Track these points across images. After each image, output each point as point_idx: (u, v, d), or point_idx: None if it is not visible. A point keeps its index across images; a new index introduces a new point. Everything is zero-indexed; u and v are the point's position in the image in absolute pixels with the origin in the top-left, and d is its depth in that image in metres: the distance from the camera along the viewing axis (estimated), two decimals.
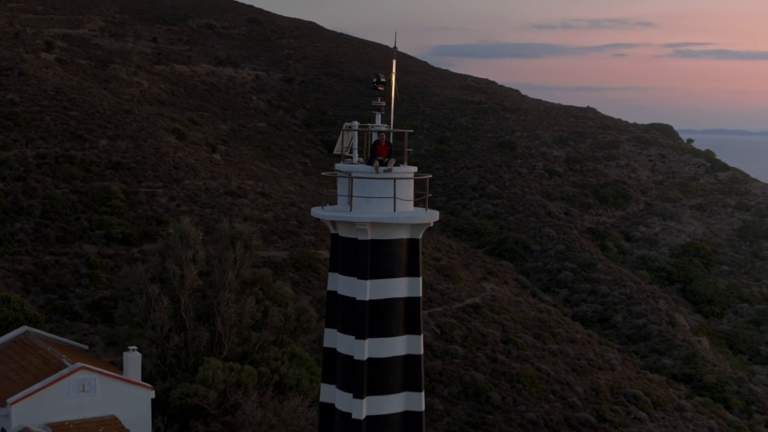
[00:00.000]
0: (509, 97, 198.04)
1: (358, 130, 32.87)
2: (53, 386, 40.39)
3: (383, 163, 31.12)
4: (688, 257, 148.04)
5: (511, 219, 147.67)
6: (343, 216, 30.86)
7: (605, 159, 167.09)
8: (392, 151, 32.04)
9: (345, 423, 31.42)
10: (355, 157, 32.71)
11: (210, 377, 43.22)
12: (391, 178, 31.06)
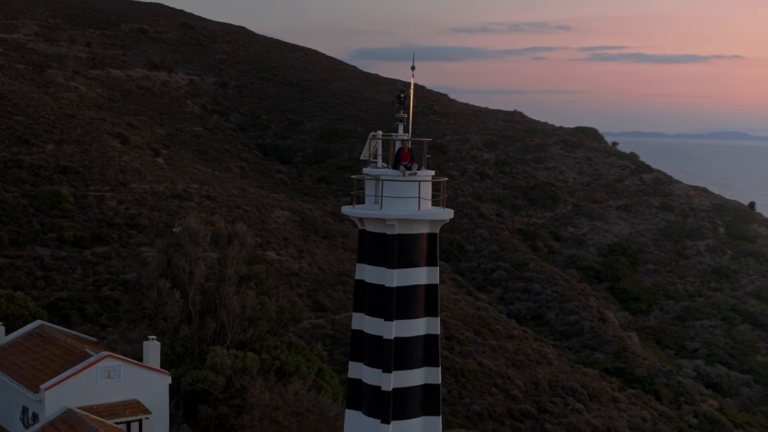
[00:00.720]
0: (439, 101, 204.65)
1: (382, 138, 37.83)
2: (82, 373, 44.53)
3: (408, 168, 36.24)
4: (615, 256, 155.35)
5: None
6: (375, 213, 35.89)
7: (534, 162, 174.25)
8: (414, 156, 37.17)
9: (373, 395, 36.47)
10: (379, 162, 37.68)
11: (218, 364, 47.78)
12: (415, 181, 36.21)
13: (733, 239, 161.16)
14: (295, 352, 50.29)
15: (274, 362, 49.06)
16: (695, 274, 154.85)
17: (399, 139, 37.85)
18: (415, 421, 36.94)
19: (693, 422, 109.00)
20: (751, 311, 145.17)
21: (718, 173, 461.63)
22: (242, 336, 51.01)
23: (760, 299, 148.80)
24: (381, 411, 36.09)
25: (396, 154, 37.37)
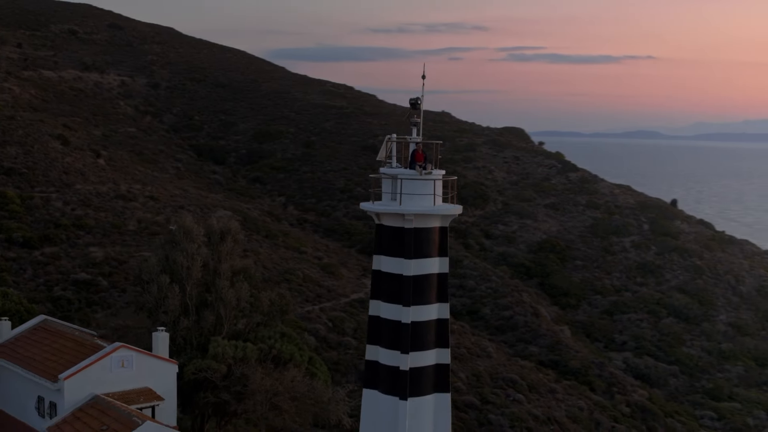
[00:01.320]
0: (368, 102, 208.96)
1: (396, 141, 41.93)
2: (98, 363, 47.63)
3: (423, 167, 40.43)
4: (544, 253, 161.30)
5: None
6: (395, 209, 39.98)
7: (463, 161, 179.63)
8: (427, 157, 41.37)
9: (391, 374, 40.55)
10: (393, 162, 41.78)
11: (220, 353, 51.28)
12: (430, 179, 40.43)
13: (657, 235, 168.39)
14: (288, 342, 54.03)
15: (271, 351, 52.74)
16: (621, 269, 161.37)
17: (413, 142, 41.88)
18: (428, 398, 41.17)
19: (626, 411, 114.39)
20: (676, 305, 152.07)
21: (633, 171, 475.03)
22: (237, 327, 54.50)
23: (684, 293, 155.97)
24: (399, 389, 40.19)
25: (411, 155, 41.48)
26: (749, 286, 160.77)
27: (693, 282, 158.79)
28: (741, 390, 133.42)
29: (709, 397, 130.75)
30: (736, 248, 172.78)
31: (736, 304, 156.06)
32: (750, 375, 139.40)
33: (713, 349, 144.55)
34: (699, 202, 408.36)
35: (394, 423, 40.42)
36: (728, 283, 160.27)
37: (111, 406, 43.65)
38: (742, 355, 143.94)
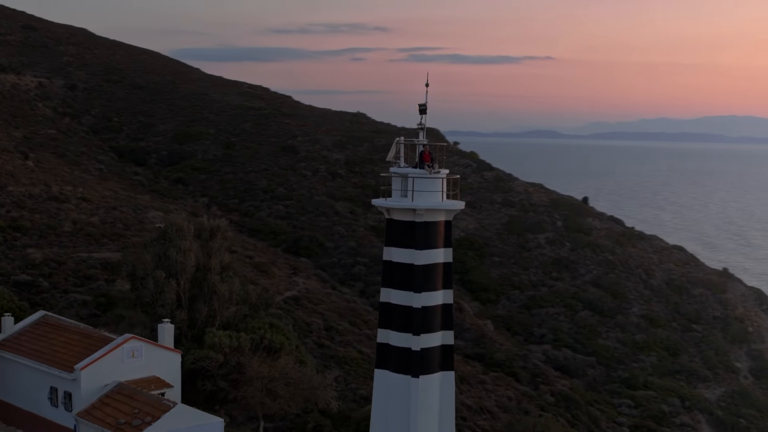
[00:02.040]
0: (285, 103, 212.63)
1: (405, 143, 46.58)
2: (111, 353, 51.07)
3: (431, 167, 45.23)
4: (463, 250, 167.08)
5: (302, 219, 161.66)
6: (408, 204, 44.71)
7: (381, 162, 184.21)
8: (433, 158, 46.15)
9: (402, 355, 45.27)
10: (401, 162, 46.45)
11: (217, 343, 55.17)
12: (438, 178, 45.26)
13: (570, 232, 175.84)
14: (276, 331, 58.18)
15: (262, 341, 56.83)
16: (537, 265, 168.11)
17: (421, 144, 46.63)
18: (436, 375, 46.07)
19: (550, 400, 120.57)
20: (591, 298, 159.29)
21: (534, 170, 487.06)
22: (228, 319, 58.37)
23: (598, 287, 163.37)
24: (411, 368, 44.95)
25: (419, 156, 46.24)
26: (659, 279, 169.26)
27: (606, 276, 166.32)
28: (655, 379, 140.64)
29: (626, 386, 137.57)
30: (645, 243, 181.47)
31: (647, 296, 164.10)
32: (663, 364, 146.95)
33: (627, 340, 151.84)
34: (597, 200, 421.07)
35: (407, 399, 45.16)
36: (639, 277, 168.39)
37: (137, 391, 47.34)
38: (654, 345, 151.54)
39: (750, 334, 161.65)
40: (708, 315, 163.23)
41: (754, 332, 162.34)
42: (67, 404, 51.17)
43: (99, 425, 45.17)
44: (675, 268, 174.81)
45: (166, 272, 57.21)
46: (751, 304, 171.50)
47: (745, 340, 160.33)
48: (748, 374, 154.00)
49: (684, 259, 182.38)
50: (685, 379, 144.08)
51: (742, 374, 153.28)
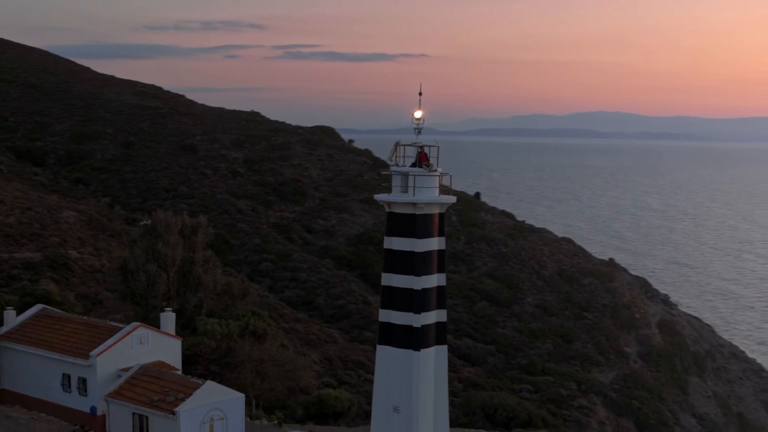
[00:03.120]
0: (180, 102, 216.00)
1: (405, 145, 53.10)
2: (122, 341, 56.42)
3: (428, 166, 51.99)
4: (363, 245, 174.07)
5: (206, 217, 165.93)
6: (409, 199, 51.30)
7: (280, 159, 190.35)
8: (429, 157, 52.86)
9: (403, 332, 51.89)
10: (400, 161, 53.00)
11: (209, 330, 60.84)
12: (435, 175, 52.05)
13: (465, 226, 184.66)
14: (259, 318, 64.12)
15: (248, 327, 62.69)
16: None
17: (418, 145, 53.25)
18: (432, 349, 52.89)
19: (459, 387, 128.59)
20: (488, 289, 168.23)
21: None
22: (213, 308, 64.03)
23: (494, 279, 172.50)
24: (413, 342, 51.66)
25: (417, 156, 52.90)
26: (551, 270, 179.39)
27: (501, 268, 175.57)
28: (552, 365, 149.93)
29: (525, 372, 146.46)
30: (535, 236, 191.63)
31: (540, 287, 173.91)
32: (558, 351, 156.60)
33: (524, 329, 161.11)
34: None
35: (408, 371, 51.86)
36: (532, 268, 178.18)
37: (162, 372, 52.84)
38: (549, 333, 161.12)
39: (637, 321, 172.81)
40: (598, 303, 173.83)
41: (641, 318, 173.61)
42: (81, 389, 56.16)
43: (132, 403, 50.50)
44: (565, 259, 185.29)
45: (157, 265, 62.46)
46: (637, 292, 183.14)
47: (632, 326, 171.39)
48: (637, 358, 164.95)
49: (572, 251, 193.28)
50: (579, 364, 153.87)
51: (632, 358, 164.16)
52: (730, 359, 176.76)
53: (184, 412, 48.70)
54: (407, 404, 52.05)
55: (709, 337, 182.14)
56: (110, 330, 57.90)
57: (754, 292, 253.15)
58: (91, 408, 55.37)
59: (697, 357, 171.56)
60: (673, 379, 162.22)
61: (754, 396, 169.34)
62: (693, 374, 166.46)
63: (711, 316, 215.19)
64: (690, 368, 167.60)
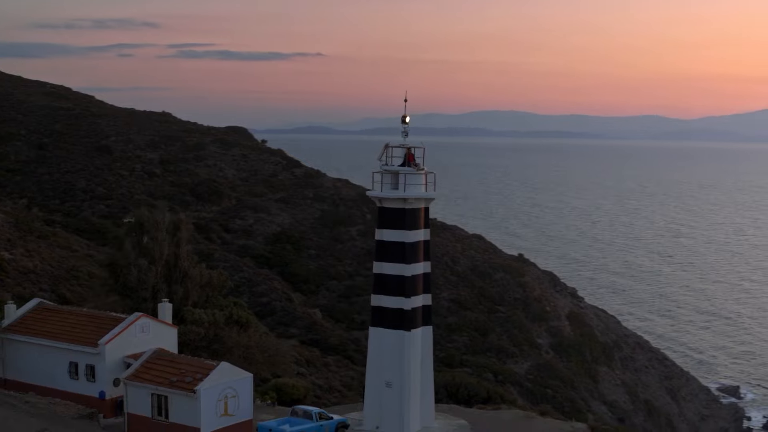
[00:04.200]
0: (92, 103, 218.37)
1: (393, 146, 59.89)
2: (127, 330, 61.95)
3: (416, 165, 58.95)
4: (281, 244, 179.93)
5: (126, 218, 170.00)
6: (400, 194, 58.18)
7: (195, 160, 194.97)
8: (415, 158, 59.80)
9: (396, 315, 58.81)
10: (390, 162, 59.81)
11: (198, 319, 66.67)
12: (421, 173, 59.05)
13: None
14: (241, 308, 70.16)
15: (232, 316, 68.69)
16: (351, 256, 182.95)
17: (405, 146, 60.14)
18: (419, 329, 59.94)
19: None
20: None
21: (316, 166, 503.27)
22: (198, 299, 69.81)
23: None
24: (404, 324, 58.65)
25: (404, 157, 59.79)
26: (464, 265, 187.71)
27: None
28: (470, 357, 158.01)
29: (444, 364, 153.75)
30: (448, 233, 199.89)
31: (455, 282, 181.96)
32: (475, 343, 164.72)
33: (441, 323, 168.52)
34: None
35: (399, 349, 58.86)
36: (446, 264, 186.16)
37: (175, 356, 58.65)
38: (465, 326, 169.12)
39: (548, 313, 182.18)
40: (510, 297, 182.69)
41: (551, 311, 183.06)
42: (88, 376, 61.51)
43: (152, 384, 56.18)
44: (477, 255, 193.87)
45: (147, 260, 68.07)
46: (546, 285, 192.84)
47: (543, 319, 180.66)
48: (549, 349, 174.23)
49: (483, 247, 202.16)
50: (495, 356, 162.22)
51: (544, 349, 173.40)
52: (635, 349, 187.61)
53: (204, 390, 54.62)
54: (399, 379, 59.02)
55: (615, 328, 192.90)
56: (113, 320, 63.27)
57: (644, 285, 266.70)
58: (100, 393, 60.78)
59: (605, 347, 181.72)
60: (584, 369, 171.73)
61: (659, 383, 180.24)
62: (602, 364, 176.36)
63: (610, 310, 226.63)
64: (599, 358, 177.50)
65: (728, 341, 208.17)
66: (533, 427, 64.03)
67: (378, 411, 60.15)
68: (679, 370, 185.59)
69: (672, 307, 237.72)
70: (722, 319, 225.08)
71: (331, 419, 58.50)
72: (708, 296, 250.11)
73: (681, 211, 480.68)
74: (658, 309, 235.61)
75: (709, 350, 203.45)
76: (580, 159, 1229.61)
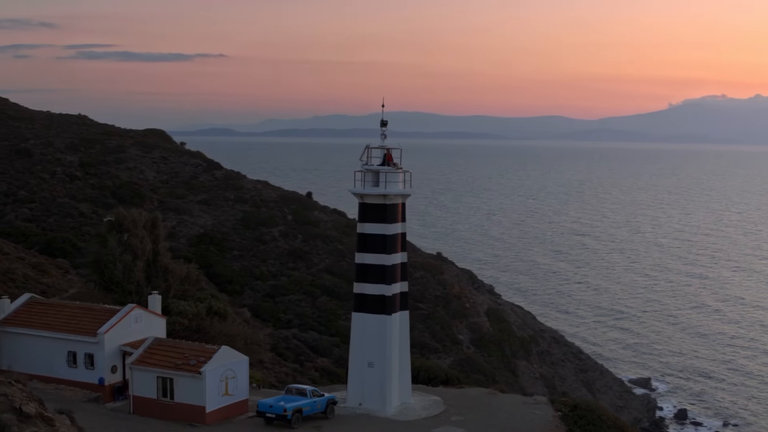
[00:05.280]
0: (7, 105, 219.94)
1: (373, 148, 66.81)
2: (123, 320, 67.79)
3: (395, 164, 66.03)
4: (204, 245, 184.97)
5: (50, 221, 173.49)
6: (381, 191, 65.12)
7: (115, 163, 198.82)
8: (393, 157, 66.86)
9: (377, 301, 65.80)
10: (370, 161, 66.72)
11: (182, 311, 72.71)
12: (400, 172, 66.15)
13: (301, 225, 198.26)
14: (218, 300, 76.33)
15: (211, 308, 74.84)
16: (274, 256, 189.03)
17: (384, 147, 67.15)
18: (397, 313, 67.06)
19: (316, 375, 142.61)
20: (327, 284, 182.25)
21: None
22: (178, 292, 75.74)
23: (332, 274, 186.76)
24: (386, 309, 65.71)
25: (383, 157, 66.79)
26: None
27: (338, 264, 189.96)
28: None
29: None
30: None
31: None
32: None
33: None
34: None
35: (381, 332, 65.91)
36: None
37: (176, 342, 64.74)
38: None
39: (467, 310, 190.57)
40: (431, 294, 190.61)
41: (470, 308, 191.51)
42: (87, 364, 67.18)
43: (157, 368, 62.24)
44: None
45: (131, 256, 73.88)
46: (465, 283, 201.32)
47: (463, 315, 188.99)
48: (470, 345, 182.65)
49: None
50: (419, 351, 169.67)
51: (465, 345, 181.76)
52: (551, 343, 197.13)
53: (208, 371, 60.93)
54: (381, 360, 66.14)
55: (531, 323, 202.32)
56: (107, 312, 69.04)
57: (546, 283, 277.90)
58: (99, 379, 66.55)
59: (523, 342, 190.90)
60: (504, 363, 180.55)
61: (575, 376, 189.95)
62: (521, 358, 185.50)
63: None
64: (518, 352, 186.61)
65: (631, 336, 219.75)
66: (500, 400, 71.58)
67: (360, 389, 67.21)
68: (593, 363, 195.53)
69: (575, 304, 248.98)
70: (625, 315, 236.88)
71: (323, 396, 65.28)
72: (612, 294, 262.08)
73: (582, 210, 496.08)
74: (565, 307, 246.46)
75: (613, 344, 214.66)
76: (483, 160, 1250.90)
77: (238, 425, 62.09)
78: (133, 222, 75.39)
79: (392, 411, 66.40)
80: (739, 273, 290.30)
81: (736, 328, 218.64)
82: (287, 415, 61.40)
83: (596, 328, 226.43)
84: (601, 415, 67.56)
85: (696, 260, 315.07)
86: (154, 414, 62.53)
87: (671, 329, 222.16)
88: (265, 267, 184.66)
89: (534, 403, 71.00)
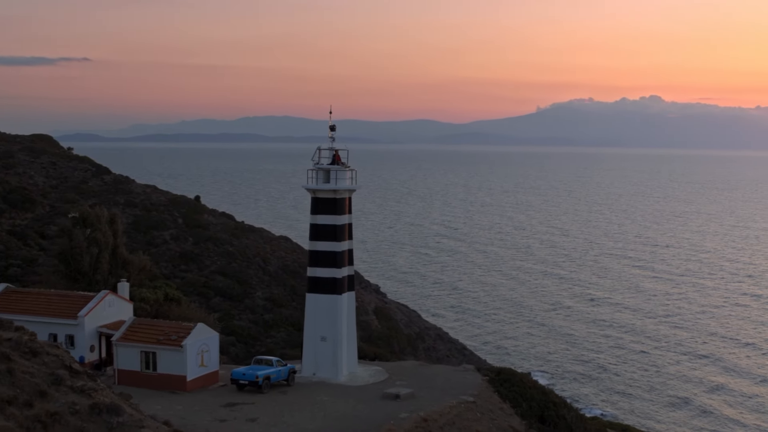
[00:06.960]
0: None
1: (323, 149, 78.54)
2: (99, 305, 78.08)
3: (343, 163, 77.93)
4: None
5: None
6: (333, 186, 76.93)
7: (4, 168, 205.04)
8: (341, 157, 78.72)
9: (329, 283, 77.58)
10: (320, 161, 78.40)
11: (145, 297, 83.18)
12: (348, 170, 78.11)
13: (191, 228, 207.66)
14: (172, 288, 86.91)
15: (167, 294, 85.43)
16: (167, 259, 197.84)
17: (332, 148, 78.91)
18: (346, 294, 79.04)
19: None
20: (220, 286, 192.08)
21: None
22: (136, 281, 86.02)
23: (225, 275, 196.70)
24: (337, 290, 77.60)
25: (332, 157, 78.56)
26: (275, 265, 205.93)
27: (229, 266, 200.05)
28: (289, 350, 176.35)
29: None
30: (256, 235, 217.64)
31: (267, 281, 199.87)
32: (292, 338, 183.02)
33: (258, 320, 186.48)
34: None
35: (333, 310, 77.75)
36: (258, 265, 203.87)
37: (152, 322, 75.35)
38: (282, 322, 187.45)
39: (357, 308, 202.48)
40: None
41: (360, 306, 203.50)
42: (68, 344, 77.13)
43: (141, 344, 72.83)
44: (286, 255, 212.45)
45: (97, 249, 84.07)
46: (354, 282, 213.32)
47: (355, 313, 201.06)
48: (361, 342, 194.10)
49: (291, 248, 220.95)
50: None
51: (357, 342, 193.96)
52: (437, 340, 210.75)
53: (188, 345, 71.87)
54: (333, 334, 78.12)
55: (417, 321, 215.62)
56: (83, 298, 79.18)
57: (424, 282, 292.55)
58: (80, 357, 76.59)
59: (410, 339, 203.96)
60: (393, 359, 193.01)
61: None
62: (408, 354, 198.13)
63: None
64: (405, 349, 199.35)
65: (511, 329, 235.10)
66: (433, 370, 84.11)
67: (314, 360, 78.96)
68: (477, 358, 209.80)
69: (457, 301, 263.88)
70: (502, 309, 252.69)
71: (285, 365, 76.80)
72: (488, 289, 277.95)
73: (451, 213, 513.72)
74: (445, 304, 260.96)
75: (496, 338, 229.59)
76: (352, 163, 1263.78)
77: (214, 392, 73.14)
78: (97, 218, 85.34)
79: (343, 379, 78.28)
80: (596, 272, 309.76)
81: (588, 323, 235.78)
82: (258, 382, 72.72)
83: (475, 324, 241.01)
84: (522, 379, 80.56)
85: (557, 261, 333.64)
86: (137, 384, 72.99)
87: (539, 328, 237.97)
88: (158, 270, 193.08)
89: (464, 371, 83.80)
